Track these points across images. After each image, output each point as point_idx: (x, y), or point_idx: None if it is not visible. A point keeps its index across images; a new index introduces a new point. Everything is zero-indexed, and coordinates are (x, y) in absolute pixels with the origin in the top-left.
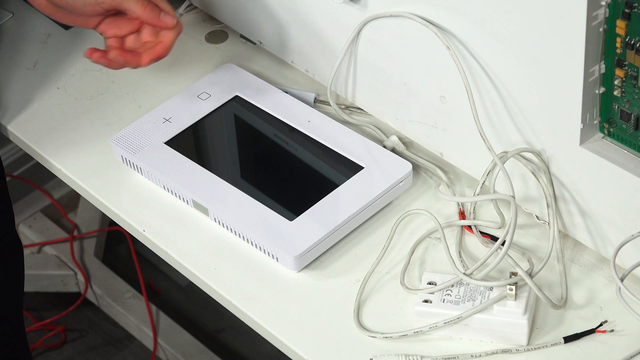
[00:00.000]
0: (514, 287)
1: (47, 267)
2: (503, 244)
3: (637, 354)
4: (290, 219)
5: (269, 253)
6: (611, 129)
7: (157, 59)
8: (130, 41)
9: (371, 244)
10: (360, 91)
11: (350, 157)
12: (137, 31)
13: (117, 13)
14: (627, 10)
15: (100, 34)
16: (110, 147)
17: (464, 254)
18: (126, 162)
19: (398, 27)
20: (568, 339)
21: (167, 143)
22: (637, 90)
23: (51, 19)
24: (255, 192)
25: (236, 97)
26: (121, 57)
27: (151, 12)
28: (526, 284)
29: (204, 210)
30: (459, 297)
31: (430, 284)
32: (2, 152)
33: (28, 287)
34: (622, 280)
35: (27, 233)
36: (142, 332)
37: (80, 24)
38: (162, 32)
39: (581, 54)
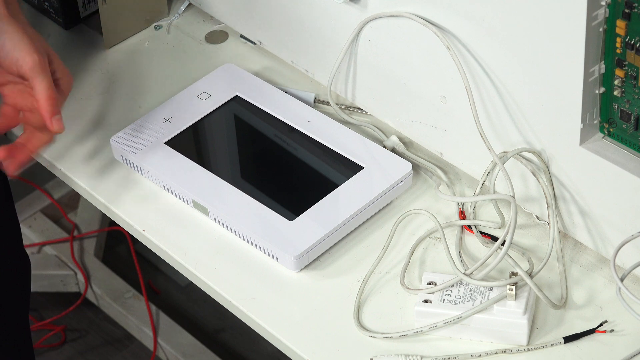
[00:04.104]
0: (514, 287)
1: (47, 267)
2: (503, 244)
3: (637, 354)
4: (290, 219)
5: (269, 253)
6: (611, 129)
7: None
8: (30, 117)
9: (371, 244)
10: (360, 91)
11: (350, 157)
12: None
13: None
14: (627, 10)
15: (3, 97)
16: (110, 147)
17: (464, 254)
18: (126, 162)
19: (398, 27)
20: (568, 339)
21: (167, 143)
22: (637, 90)
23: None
24: (255, 192)
25: (236, 97)
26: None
27: (48, 107)
28: (526, 284)
29: (204, 210)
30: (459, 297)
31: (430, 284)
32: None
33: None
34: (622, 280)
35: (27, 233)
36: (142, 332)
37: None
38: (38, 133)
39: (581, 54)
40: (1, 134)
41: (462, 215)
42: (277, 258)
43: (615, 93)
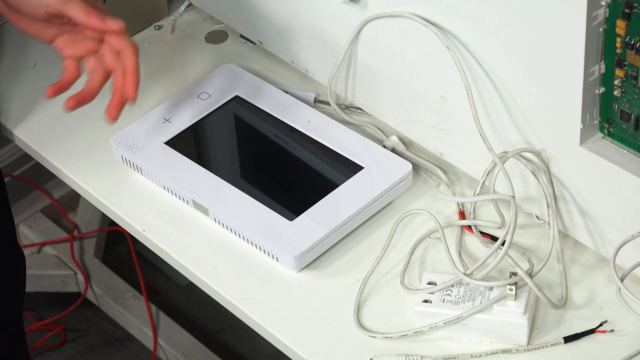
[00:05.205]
0: (514, 287)
1: (47, 267)
2: (503, 244)
3: (637, 354)
4: (290, 219)
5: (269, 253)
6: (611, 129)
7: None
8: (91, 63)
9: (371, 244)
10: (360, 91)
11: (350, 157)
12: (97, 52)
13: (74, 29)
14: (627, 10)
15: (58, 52)
16: (110, 147)
17: (464, 254)
18: (126, 162)
19: (398, 27)
20: (568, 339)
21: (167, 143)
22: (637, 90)
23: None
24: (255, 192)
25: (236, 97)
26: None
27: (96, 18)
28: (526, 284)
29: (204, 210)
30: (459, 297)
31: (430, 284)
32: (2, 152)
33: (28, 287)
34: (622, 280)
35: (27, 233)
36: (142, 332)
37: (34, 32)
38: (123, 55)
39: (581, 54)
40: (67, 87)
41: (462, 215)
42: (277, 258)
43: (615, 93)
